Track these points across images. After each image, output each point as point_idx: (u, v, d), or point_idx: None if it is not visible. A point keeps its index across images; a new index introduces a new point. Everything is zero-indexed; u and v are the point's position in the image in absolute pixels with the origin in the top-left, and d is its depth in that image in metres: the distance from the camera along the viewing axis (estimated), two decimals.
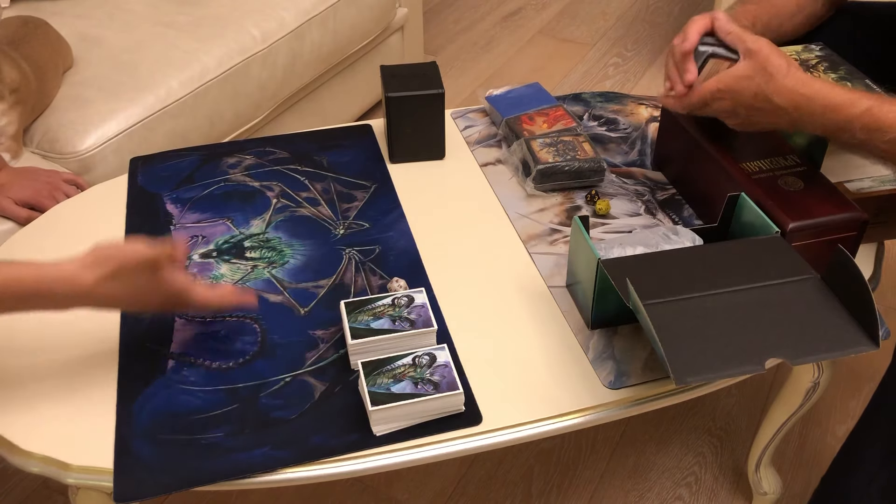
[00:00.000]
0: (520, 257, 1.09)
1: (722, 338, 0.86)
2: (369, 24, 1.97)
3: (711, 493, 1.40)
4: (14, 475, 1.41)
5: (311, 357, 0.95)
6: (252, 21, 1.68)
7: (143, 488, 0.82)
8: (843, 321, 0.87)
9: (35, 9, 1.62)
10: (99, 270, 0.83)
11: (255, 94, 1.68)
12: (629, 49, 2.58)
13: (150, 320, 0.99)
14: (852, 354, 0.85)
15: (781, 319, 0.88)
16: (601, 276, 0.92)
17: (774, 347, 0.85)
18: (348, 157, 1.26)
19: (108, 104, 1.45)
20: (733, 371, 0.84)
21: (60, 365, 0.94)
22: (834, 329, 0.87)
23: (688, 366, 0.83)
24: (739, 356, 0.84)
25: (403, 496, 1.40)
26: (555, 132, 1.23)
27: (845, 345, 0.85)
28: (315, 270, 1.06)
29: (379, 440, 0.86)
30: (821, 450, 1.45)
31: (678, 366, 0.82)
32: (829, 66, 1.14)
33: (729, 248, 0.97)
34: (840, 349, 0.85)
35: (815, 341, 0.86)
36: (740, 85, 0.98)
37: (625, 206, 1.16)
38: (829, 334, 0.86)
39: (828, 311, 0.89)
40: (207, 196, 1.18)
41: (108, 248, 0.84)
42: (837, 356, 0.86)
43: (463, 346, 0.97)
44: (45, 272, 0.82)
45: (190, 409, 0.89)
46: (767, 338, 0.86)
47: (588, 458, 1.45)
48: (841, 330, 0.87)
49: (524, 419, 0.89)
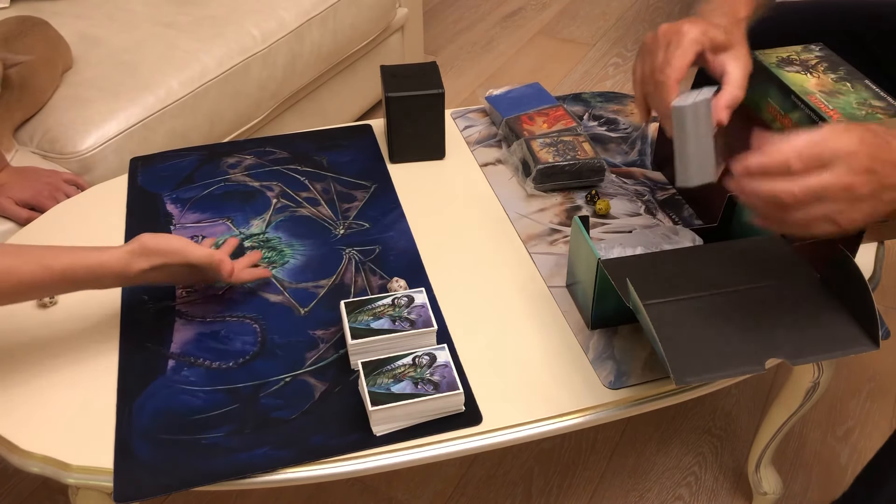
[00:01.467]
0: (520, 257, 1.09)
1: (722, 338, 0.86)
2: (369, 24, 1.97)
3: (711, 493, 1.40)
4: (14, 475, 1.41)
5: (311, 357, 0.95)
6: (252, 21, 1.68)
7: (143, 488, 0.82)
8: (844, 321, 0.88)
9: (35, 9, 1.62)
10: (145, 262, 0.91)
11: (255, 94, 1.68)
12: (629, 49, 2.58)
13: (150, 320, 0.99)
14: (852, 354, 0.85)
15: (781, 319, 0.88)
16: (601, 276, 0.92)
17: (774, 347, 0.85)
18: (348, 157, 1.26)
19: (108, 104, 1.45)
20: (733, 371, 0.84)
21: (60, 365, 0.94)
22: (834, 329, 0.87)
23: (688, 366, 0.83)
24: (739, 356, 0.84)
25: (403, 496, 1.40)
26: (555, 132, 1.23)
27: (845, 345, 0.86)
28: (315, 270, 1.06)
29: (379, 440, 0.86)
30: (821, 450, 1.46)
31: (678, 366, 0.82)
32: (829, 66, 1.14)
33: (729, 248, 0.97)
34: (840, 349, 0.86)
35: (815, 341, 0.86)
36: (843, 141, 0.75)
37: (625, 206, 1.16)
38: (830, 334, 0.86)
39: (828, 311, 0.89)
40: (207, 196, 1.18)
41: (156, 243, 0.92)
42: (837, 356, 0.86)
43: (463, 346, 0.97)
44: (97, 261, 0.90)
45: (190, 409, 0.89)
46: (767, 338, 0.86)
47: (588, 458, 1.45)
48: (841, 330, 0.87)
49: (524, 419, 0.89)
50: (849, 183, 0.75)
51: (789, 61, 1.16)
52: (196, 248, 0.94)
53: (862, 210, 0.77)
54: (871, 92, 1.09)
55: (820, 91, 1.09)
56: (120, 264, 0.90)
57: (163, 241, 0.92)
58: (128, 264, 0.90)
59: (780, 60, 1.16)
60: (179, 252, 0.92)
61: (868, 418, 1.50)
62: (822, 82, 1.11)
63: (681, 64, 0.91)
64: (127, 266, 0.90)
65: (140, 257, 0.91)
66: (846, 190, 0.76)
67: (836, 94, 1.09)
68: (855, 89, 1.10)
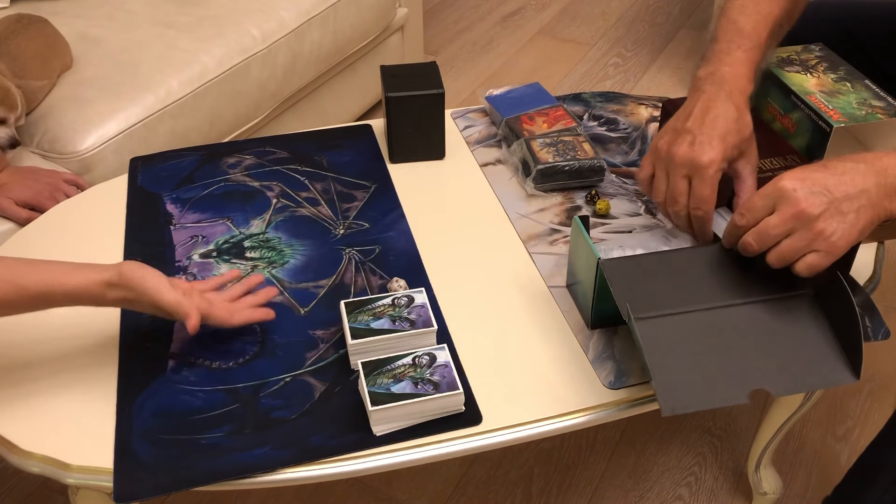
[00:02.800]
0: (520, 257, 1.09)
1: (710, 361, 0.87)
2: (369, 24, 1.97)
3: (711, 493, 1.40)
4: (14, 475, 1.41)
5: (311, 357, 0.95)
6: (252, 21, 1.68)
7: (143, 488, 0.82)
8: (829, 348, 0.89)
9: (35, 8, 1.62)
10: (119, 293, 0.88)
11: (255, 94, 1.68)
12: (629, 49, 2.58)
13: (151, 320, 0.99)
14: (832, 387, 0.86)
15: (769, 344, 0.89)
16: (601, 276, 0.92)
17: (759, 377, 0.86)
18: (348, 157, 1.26)
19: (108, 104, 1.45)
20: (718, 402, 0.86)
21: (60, 365, 0.94)
22: (818, 357, 0.88)
23: (675, 394, 0.84)
24: (725, 384, 0.85)
25: (403, 496, 1.40)
26: (555, 132, 1.23)
27: (826, 377, 0.87)
28: (315, 270, 1.06)
29: (379, 440, 0.86)
30: (821, 450, 1.46)
31: (666, 395, 0.83)
32: (829, 66, 1.14)
33: (728, 250, 0.97)
34: (821, 381, 0.88)
35: (798, 372, 0.87)
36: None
37: (625, 206, 1.16)
38: (814, 363, 0.88)
39: (815, 336, 0.89)
40: (207, 196, 1.18)
41: (132, 277, 0.88)
42: (817, 388, 0.87)
43: (463, 346, 0.97)
44: (74, 286, 0.87)
45: (190, 409, 0.89)
46: (753, 365, 0.87)
47: (588, 458, 1.45)
48: (825, 359, 0.88)
49: (524, 419, 0.89)
50: (798, 210, 0.84)
51: (789, 61, 1.16)
52: (167, 292, 0.88)
53: (834, 227, 0.84)
54: (871, 92, 1.09)
55: (820, 91, 1.09)
56: (95, 291, 0.87)
57: (138, 275, 0.88)
58: (102, 294, 0.87)
59: (780, 60, 1.16)
60: (150, 292, 0.88)
61: (868, 418, 1.50)
62: (822, 82, 1.11)
63: (712, 198, 0.98)
64: (101, 295, 0.88)
65: (114, 288, 0.87)
66: (798, 217, 0.85)
67: (836, 94, 1.09)
68: (855, 89, 1.10)
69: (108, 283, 0.87)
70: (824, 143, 1.05)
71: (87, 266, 0.88)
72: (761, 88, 1.12)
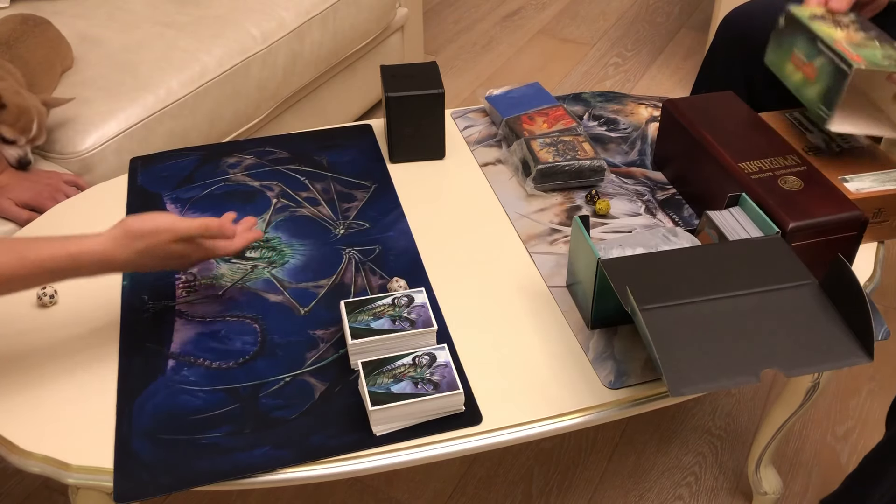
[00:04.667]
0: (520, 257, 1.09)
1: (718, 346, 0.86)
2: (369, 24, 1.97)
3: (711, 493, 1.40)
4: (14, 475, 1.41)
5: (311, 357, 0.95)
6: (252, 21, 1.68)
7: (143, 488, 0.82)
8: (839, 331, 0.87)
9: (35, 8, 1.62)
10: (130, 247, 0.85)
11: (255, 94, 1.68)
12: (629, 49, 2.58)
13: (151, 320, 0.99)
14: (846, 367, 0.85)
15: (778, 327, 0.88)
16: (601, 276, 0.92)
17: (770, 357, 0.85)
18: (348, 157, 1.26)
19: (108, 104, 1.45)
20: (728, 382, 0.84)
21: (60, 365, 0.94)
22: (829, 339, 0.87)
23: (684, 376, 0.83)
24: (735, 365, 0.84)
25: (403, 496, 1.40)
26: (555, 132, 1.23)
27: (840, 357, 0.86)
28: (315, 270, 1.06)
29: (379, 440, 0.86)
30: (821, 450, 1.46)
31: (674, 377, 0.82)
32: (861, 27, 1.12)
33: (729, 249, 0.97)
34: (835, 361, 0.86)
35: (810, 352, 0.86)
36: None
37: (625, 206, 1.16)
38: (825, 345, 0.86)
39: (824, 320, 0.88)
40: (207, 196, 1.18)
41: (141, 224, 0.86)
42: (831, 368, 0.86)
43: (463, 346, 0.97)
44: (77, 249, 0.84)
45: (190, 408, 0.89)
46: (763, 347, 0.86)
47: (588, 458, 1.45)
48: (836, 341, 0.87)
49: (524, 419, 0.89)
50: None
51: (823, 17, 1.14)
52: (186, 220, 0.87)
53: None
54: None
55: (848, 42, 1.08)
56: (103, 251, 0.84)
57: (148, 220, 0.86)
58: (111, 251, 0.84)
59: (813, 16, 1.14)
60: (168, 229, 0.86)
61: (868, 418, 1.50)
62: (850, 36, 1.10)
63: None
64: (110, 253, 0.84)
65: (123, 242, 0.84)
66: None
67: (863, 46, 1.07)
68: (883, 48, 1.08)
69: (115, 238, 0.84)
70: (842, 86, 1.03)
71: (89, 234, 0.87)
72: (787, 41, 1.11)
